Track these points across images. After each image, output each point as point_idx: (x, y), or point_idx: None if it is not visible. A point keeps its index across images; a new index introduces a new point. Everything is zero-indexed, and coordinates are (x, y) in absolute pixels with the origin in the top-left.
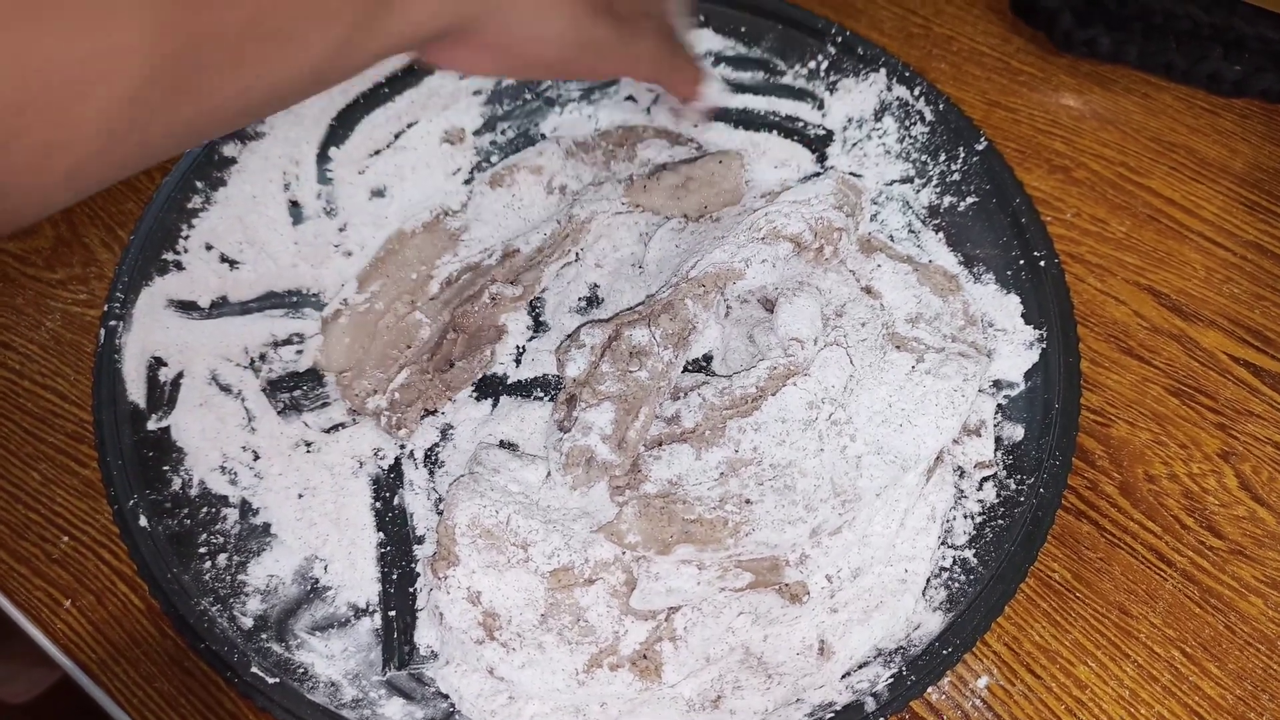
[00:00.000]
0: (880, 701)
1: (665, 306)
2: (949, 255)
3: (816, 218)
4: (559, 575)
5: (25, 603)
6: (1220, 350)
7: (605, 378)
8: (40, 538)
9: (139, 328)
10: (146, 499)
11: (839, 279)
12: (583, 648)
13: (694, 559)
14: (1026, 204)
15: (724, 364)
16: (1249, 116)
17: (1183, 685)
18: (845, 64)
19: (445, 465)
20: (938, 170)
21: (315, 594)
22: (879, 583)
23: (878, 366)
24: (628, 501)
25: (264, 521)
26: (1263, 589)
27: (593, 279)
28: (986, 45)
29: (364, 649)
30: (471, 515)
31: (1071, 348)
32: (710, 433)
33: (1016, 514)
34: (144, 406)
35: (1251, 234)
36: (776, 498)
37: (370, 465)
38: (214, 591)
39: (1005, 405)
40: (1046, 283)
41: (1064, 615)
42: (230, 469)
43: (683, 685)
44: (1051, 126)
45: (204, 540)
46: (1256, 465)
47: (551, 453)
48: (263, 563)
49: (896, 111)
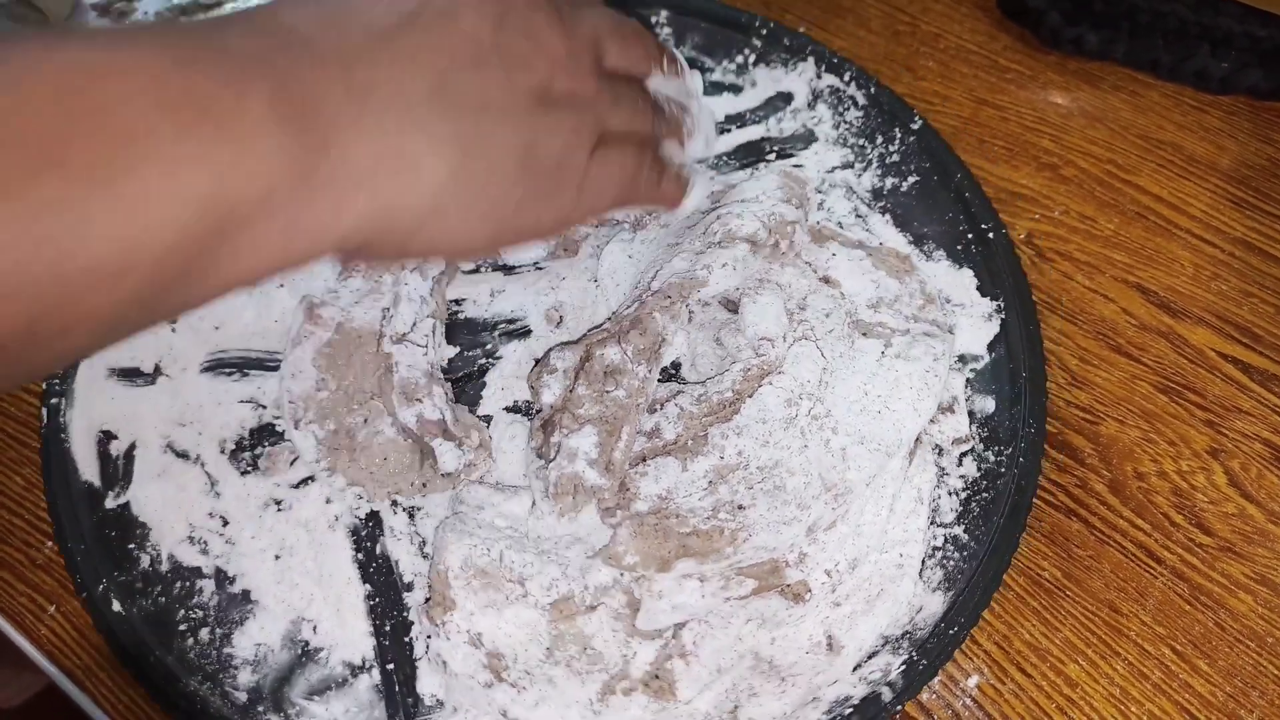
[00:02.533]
0: (896, 690)
1: (633, 322)
2: (898, 236)
3: (768, 214)
4: (560, 606)
5: (9, 608)
6: (1209, 347)
7: (583, 401)
8: (24, 543)
9: (82, 402)
10: (116, 581)
11: (797, 272)
12: (593, 676)
13: (695, 572)
14: (967, 178)
15: (693, 369)
16: (1236, 113)
17: (1173, 683)
18: (772, 55)
19: (424, 508)
20: (876, 153)
21: (307, 657)
22: (877, 571)
23: (848, 356)
24: (621, 523)
25: (243, 589)
26: (1252, 585)
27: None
28: (974, 43)
29: (366, 707)
30: (463, 556)
31: (1030, 315)
32: (693, 442)
33: (1000, 485)
34: (99, 484)
35: (1239, 230)
36: (769, 500)
37: (346, 517)
38: (201, 669)
39: (973, 379)
40: (997, 254)
41: (1054, 613)
42: (199, 538)
43: (698, 700)
44: (1039, 124)
45: (183, 616)
46: (1245, 462)
47: (534, 481)
48: (247, 632)
49: (829, 98)
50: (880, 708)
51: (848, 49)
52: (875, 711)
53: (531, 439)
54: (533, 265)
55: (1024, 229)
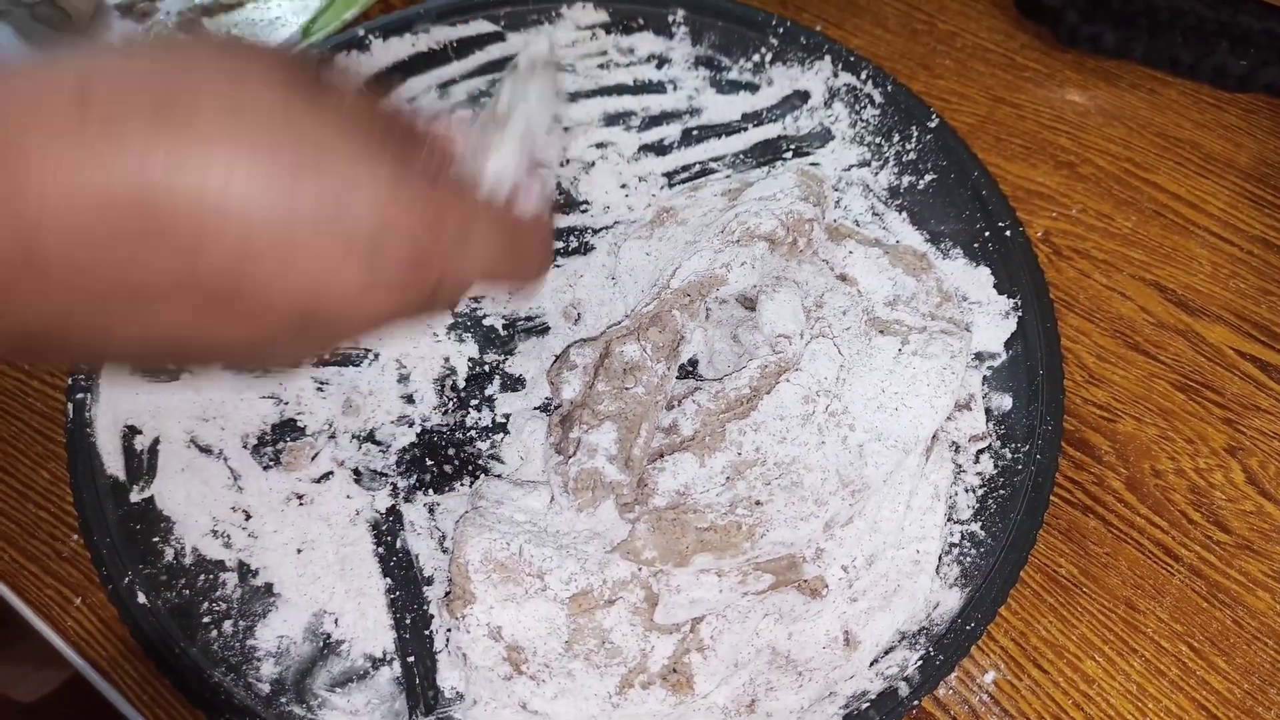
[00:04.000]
0: (913, 685)
1: (653, 319)
2: (915, 234)
3: (786, 212)
4: (578, 600)
5: (36, 600)
6: (1227, 345)
7: (602, 397)
8: (50, 536)
9: (106, 397)
10: (141, 574)
11: (814, 270)
12: (612, 670)
13: (712, 567)
14: (984, 176)
15: (711, 367)
16: (1255, 111)
17: (1190, 680)
18: (789, 54)
19: (444, 503)
20: (893, 151)
21: (329, 649)
22: (893, 567)
23: (865, 353)
24: (639, 518)
25: (265, 582)
26: (1270, 584)
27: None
28: (991, 41)
29: (387, 699)
30: (483, 550)
31: (1047, 312)
32: (710, 438)
33: (1017, 482)
34: (124, 478)
35: (1258, 229)
36: (786, 496)
37: (367, 511)
38: (225, 661)
39: (990, 376)
40: (1014, 251)
41: (1070, 610)
42: (223, 532)
43: (716, 694)
44: (1056, 122)
45: (206, 609)
46: (1264, 460)
47: (553, 477)
48: (270, 624)
49: (845, 97)
50: (897, 702)
51: (864, 47)
52: (892, 706)
53: (550, 435)
54: (552, 263)
55: (1041, 227)
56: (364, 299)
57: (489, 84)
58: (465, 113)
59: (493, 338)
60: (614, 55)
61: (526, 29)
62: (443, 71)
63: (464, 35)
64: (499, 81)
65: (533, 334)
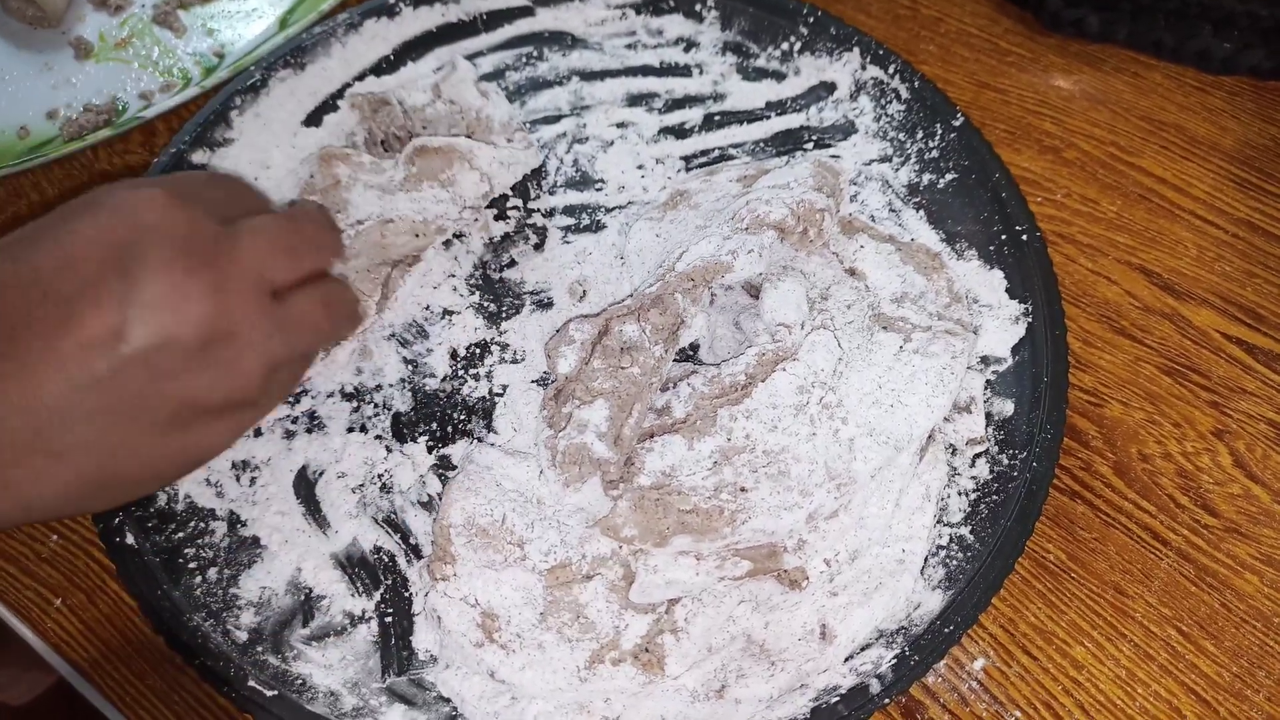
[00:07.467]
0: (885, 683)
1: (655, 301)
2: (930, 233)
3: (798, 201)
4: (556, 572)
5: (15, 602)
6: (1213, 328)
7: (597, 374)
8: (29, 536)
9: None
10: (132, 515)
11: (822, 262)
12: (583, 644)
13: (691, 550)
14: (1006, 178)
15: (711, 352)
16: (1238, 94)
17: (1179, 664)
18: (818, 44)
19: (435, 467)
20: (915, 148)
21: (310, 604)
22: (877, 564)
23: (866, 348)
24: (622, 495)
25: (253, 534)
26: (1258, 566)
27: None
28: (974, 26)
29: (362, 656)
30: (468, 514)
31: (1057, 320)
32: (701, 422)
33: (1011, 489)
34: None
35: (1243, 211)
36: (771, 484)
37: (358, 471)
38: (206, 606)
39: (994, 381)
40: (1029, 256)
41: (1059, 596)
42: (216, 481)
43: (686, 677)
44: (1041, 107)
45: (193, 555)
46: (1250, 443)
47: (542, 450)
48: (254, 575)
49: (872, 90)
50: (867, 699)
51: None
52: (862, 702)
53: (543, 408)
54: (562, 239)
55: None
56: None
57: (515, 58)
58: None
59: (495, 309)
60: (642, 36)
61: (556, 5)
62: (470, 44)
63: (494, 8)
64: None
65: (538, 307)
